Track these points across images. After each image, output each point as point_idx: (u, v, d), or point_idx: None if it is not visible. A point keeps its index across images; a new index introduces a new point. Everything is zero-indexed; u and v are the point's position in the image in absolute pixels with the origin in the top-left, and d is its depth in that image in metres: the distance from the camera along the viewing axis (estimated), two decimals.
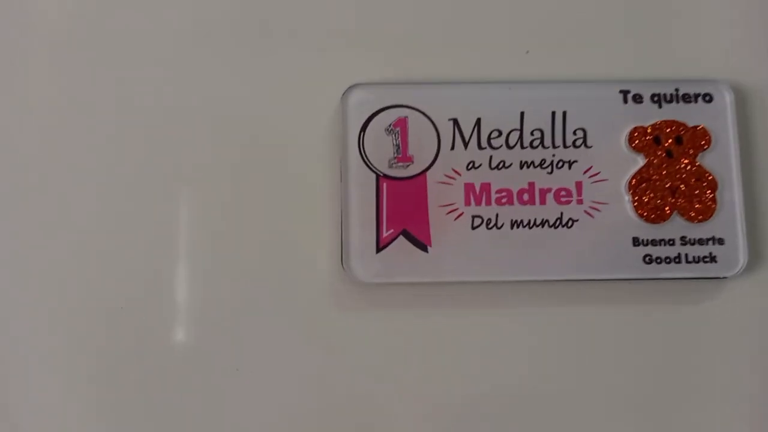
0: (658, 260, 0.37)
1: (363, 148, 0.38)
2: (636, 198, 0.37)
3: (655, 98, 0.38)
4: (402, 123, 0.38)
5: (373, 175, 0.37)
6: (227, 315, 0.37)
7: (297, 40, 0.39)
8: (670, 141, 0.38)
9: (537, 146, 0.38)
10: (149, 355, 0.37)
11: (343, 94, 0.38)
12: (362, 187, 0.37)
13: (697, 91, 0.38)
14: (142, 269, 0.38)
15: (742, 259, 0.37)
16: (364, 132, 0.38)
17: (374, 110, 0.38)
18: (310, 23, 0.39)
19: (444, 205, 0.37)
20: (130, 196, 0.38)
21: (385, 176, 0.37)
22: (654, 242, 0.37)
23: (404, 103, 0.38)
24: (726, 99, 0.38)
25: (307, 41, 0.39)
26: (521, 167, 0.38)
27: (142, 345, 0.37)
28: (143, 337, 0.37)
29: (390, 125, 0.38)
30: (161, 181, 0.38)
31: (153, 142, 0.39)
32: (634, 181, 0.38)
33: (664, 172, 0.38)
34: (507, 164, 0.38)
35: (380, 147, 0.38)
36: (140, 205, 0.38)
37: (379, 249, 0.37)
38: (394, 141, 0.38)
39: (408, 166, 0.38)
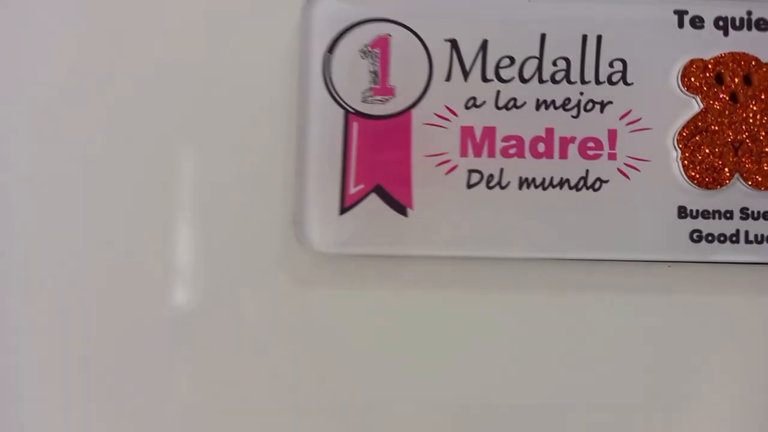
0: (710, 238, 0.28)
1: (329, 75, 0.28)
2: (687, 154, 0.28)
3: (721, 23, 0.29)
4: (383, 43, 0.29)
5: (341, 112, 0.28)
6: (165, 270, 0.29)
7: None
8: (736, 80, 0.29)
9: (560, 80, 0.29)
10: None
11: (306, 1, 0.29)
12: (325, 126, 0.28)
13: None
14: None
15: None
16: (332, 53, 0.28)
17: (346, 25, 0.28)
18: None
19: (433, 155, 0.28)
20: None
21: (357, 113, 0.28)
22: (706, 214, 0.28)
23: (387, 16, 0.28)
24: None
25: None
26: (538, 108, 0.28)
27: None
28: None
29: (367, 45, 0.29)
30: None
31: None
32: (686, 131, 0.28)
33: (727, 122, 0.29)
34: (519, 103, 0.28)
35: (352, 74, 0.28)
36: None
37: (343, 210, 0.28)
38: (371, 67, 0.29)
39: (388, 100, 0.28)
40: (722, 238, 0.29)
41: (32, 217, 0.29)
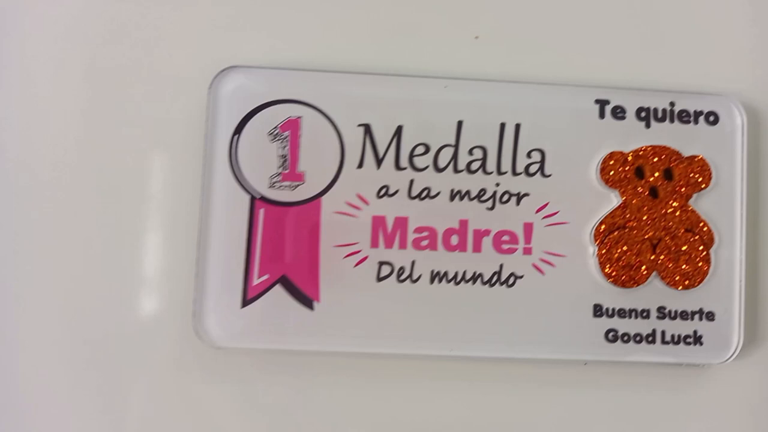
0: (626, 338, 0.28)
1: (235, 158, 0.27)
2: (604, 251, 0.28)
3: (643, 114, 0.28)
4: (293, 126, 0.27)
5: (247, 197, 0.27)
6: (66, 374, 0.27)
7: (166, 8, 0.28)
8: (656, 175, 0.28)
9: (476, 170, 0.28)
10: None
11: (213, 80, 0.27)
12: (230, 212, 0.27)
13: (699, 109, 0.28)
14: None
15: (736, 341, 0.28)
16: (239, 135, 0.27)
17: (256, 105, 0.27)
18: None
19: (342, 245, 0.27)
20: None
21: (264, 199, 0.27)
22: (622, 313, 0.28)
23: (299, 97, 0.27)
24: (736, 122, 0.28)
25: (176, 10, 0.28)
26: (452, 198, 0.27)
27: None
28: None
29: (276, 128, 0.27)
30: None
31: None
32: (603, 227, 0.28)
33: (645, 218, 0.28)
34: (433, 193, 0.27)
35: (260, 158, 0.27)
36: None
37: (246, 302, 0.27)
38: (281, 150, 0.27)
39: (297, 186, 0.27)
40: (638, 338, 0.28)
41: None
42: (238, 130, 0.27)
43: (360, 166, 0.27)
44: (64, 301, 0.27)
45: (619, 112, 0.28)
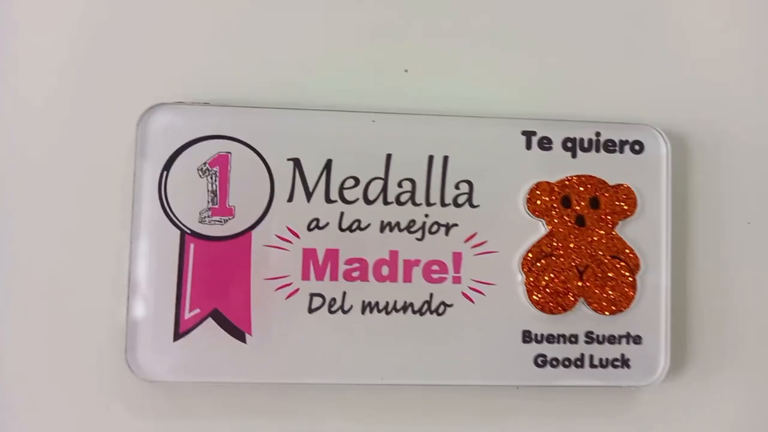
0: (555, 363, 0.28)
1: (165, 194, 0.27)
2: (532, 279, 0.28)
3: (569, 144, 0.29)
4: (222, 161, 0.27)
5: (178, 232, 0.27)
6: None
7: (93, 46, 0.28)
8: (582, 204, 0.29)
9: (405, 202, 0.28)
10: None
11: (141, 116, 0.27)
12: (160, 247, 0.27)
13: (624, 138, 0.29)
14: None
15: (663, 363, 0.28)
16: (168, 171, 0.27)
17: (184, 141, 0.27)
18: (111, 25, 0.28)
19: (273, 278, 0.27)
20: None
21: (194, 234, 0.27)
22: (551, 338, 0.28)
23: (227, 133, 0.27)
24: (660, 150, 0.29)
25: (104, 47, 0.28)
26: (382, 230, 0.28)
27: None
28: None
29: (205, 163, 0.27)
30: None
31: None
32: (530, 255, 0.28)
33: (572, 246, 0.28)
34: (363, 225, 0.28)
35: (190, 193, 0.27)
36: None
37: (178, 335, 0.27)
38: (210, 186, 0.27)
39: (227, 221, 0.27)
40: (567, 363, 0.28)
41: None
42: (167, 166, 0.27)
43: (290, 199, 0.28)
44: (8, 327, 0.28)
45: (545, 143, 0.29)
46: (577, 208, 0.29)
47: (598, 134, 0.29)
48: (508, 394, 0.29)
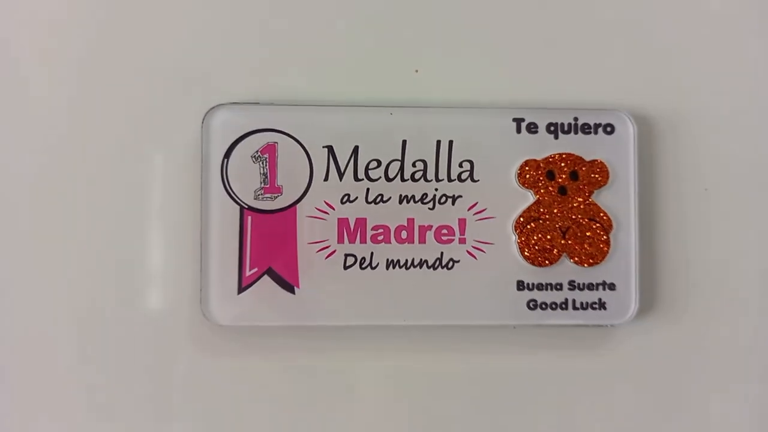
0: (543, 306, 0.35)
1: (226, 177, 0.34)
2: (523, 239, 0.34)
3: (552, 128, 0.35)
4: (271, 149, 0.34)
5: (237, 207, 0.34)
6: (81, 355, 0.35)
7: (157, 54, 0.35)
8: (563, 176, 0.35)
9: (419, 179, 0.34)
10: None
11: (205, 116, 0.34)
12: (225, 220, 0.34)
13: (598, 121, 0.35)
14: None
15: (633, 306, 0.35)
16: (228, 159, 0.34)
17: (240, 134, 0.34)
18: (173, 36, 0.35)
19: (314, 242, 0.34)
20: None
21: (251, 209, 0.34)
22: (540, 287, 0.35)
23: (274, 127, 0.34)
24: (629, 131, 0.35)
25: (168, 56, 0.35)
26: (400, 202, 0.34)
27: None
28: None
29: (257, 152, 0.34)
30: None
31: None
32: (521, 219, 0.35)
33: (555, 211, 0.35)
34: (385, 198, 0.34)
35: (246, 176, 0.34)
36: None
37: (241, 289, 0.34)
38: (262, 169, 0.34)
39: (276, 197, 0.34)
40: (554, 306, 0.35)
41: None
42: (227, 154, 0.34)
43: (326, 179, 0.34)
44: (83, 293, 0.35)
45: (532, 128, 0.35)
46: (560, 180, 0.35)
47: (576, 119, 0.35)
48: (507, 332, 0.35)
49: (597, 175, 0.35)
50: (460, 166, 0.35)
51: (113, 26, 0.35)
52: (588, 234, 0.35)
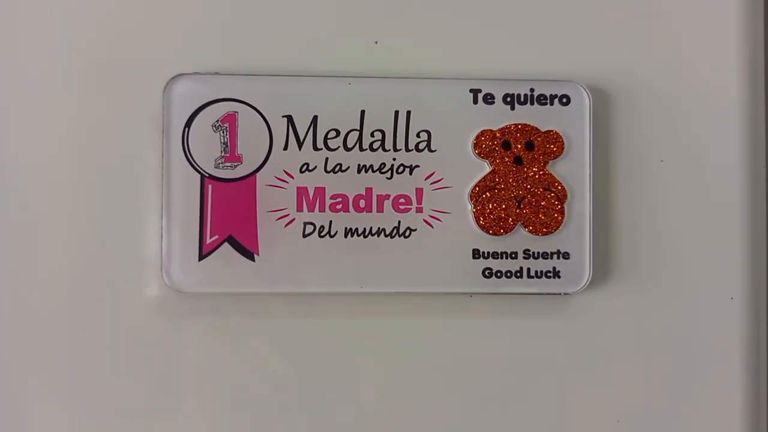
0: (498, 274, 0.35)
1: (187, 146, 0.34)
2: (479, 207, 0.35)
3: (508, 99, 0.35)
4: (231, 119, 0.35)
5: (198, 176, 0.35)
6: (41, 319, 0.35)
7: (118, 26, 0.35)
8: (519, 146, 0.35)
9: (377, 149, 0.35)
10: None
11: (166, 85, 0.34)
12: (185, 188, 0.34)
13: (554, 93, 0.35)
14: None
15: (587, 275, 0.35)
16: (189, 128, 0.34)
17: (200, 104, 0.34)
18: (136, 8, 0.35)
19: (274, 210, 0.35)
20: None
21: (211, 177, 0.35)
22: (495, 255, 0.35)
23: (234, 96, 0.35)
24: (584, 101, 0.35)
25: (129, 28, 0.35)
26: (359, 171, 0.35)
27: None
28: None
29: (218, 121, 0.35)
30: None
31: None
32: (477, 189, 0.35)
33: (511, 180, 0.35)
34: (344, 168, 0.35)
35: (206, 145, 0.35)
36: None
37: (202, 256, 0.35)
38: (222, 138, 0.35)
39: (236, 166, 0.35)
40: (509, 274, 0.36)
41: None
42: (188, 123, 0.35)
43: (285, 148, 0.35)
44: (53, 260, 0.35)
45: (489, 99, 0.35)
46: (515, 150, 0.35)
47: (532, 90, 0.36)
48: (463, 300, 0.36)
49: (552, 146, 0.35)
50: (418, 136, 0.35)
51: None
52: (543, 203, 0.35)
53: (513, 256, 0.36)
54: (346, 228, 0.35)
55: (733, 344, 0.37)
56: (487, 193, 0.35)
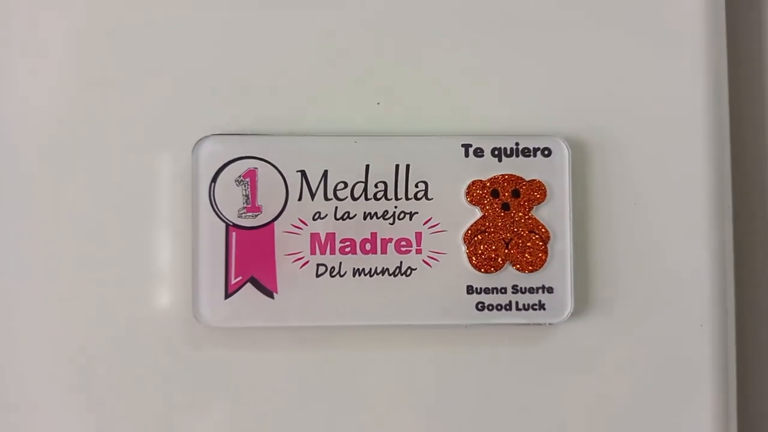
0: (490, 307, 0.40)
1: (213, 198, 0.39)
2: (471, 248, 0.40)
3: (496, 152, 0.40)
4: (251, 174, 0.39)
5: (223, 225, 0.39)
6: (84, 354, 0.40)
7: (148, 91, 0.40)
8: (507, 194, 0.40)
9: (380, 198, 0.40)
10: None
11: (195, 145, 0.39)
12: (212, 235, 0.39)
13: (537, 146, 0.40)
14: None
15: (569, 306, 0.40)
16: (215, 183, 0.39)
17: (224, 161, 0.39)
18: (164, 74, 0.40)
19: (290, 254, 0.39)
20: None
21: (235, 225, 0.39)
22: (487, 290, 0.40)
23: (254, 154, 0.39)
24: (563, 153, 0.40)
25: (159, 93, 0.40)
26: (365, 218, 0.40)
27: None
28: None
29: (240, 176, 0.39)
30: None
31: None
32: (470, 232, 0.40)
33: (500, 224, 0.40)
34: (351, 215, 0.40)
35: (230, 197, 0.39)
36: None
37: (227, 295, 0.39)
38: (244, 191, 0.39)
39: (257, 216, 0.39)
40: (499, 307, 0.40)
41: None
42: (214, 179, 0.39)
43: (300, 199, 0.39)
44: (89, 296, 0.40)
45: (479, 152, 0.40)
46: (503, 197, 0.40)
47: (517, 144, 0.40)
48: (459, 330, 0.40)
49: (536, 193, 0.40)
50: (416, 186, 0.40)
51: (112, 65, 0.41)
52: (528, 244, 0.40)
53: (503, 291, 0.40)
54: (354, 268, 0.39)
55: (703, 365, 0.41)
56: (479, 236, 0.40)
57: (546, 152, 0.40)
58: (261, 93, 0.41)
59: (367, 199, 0.40)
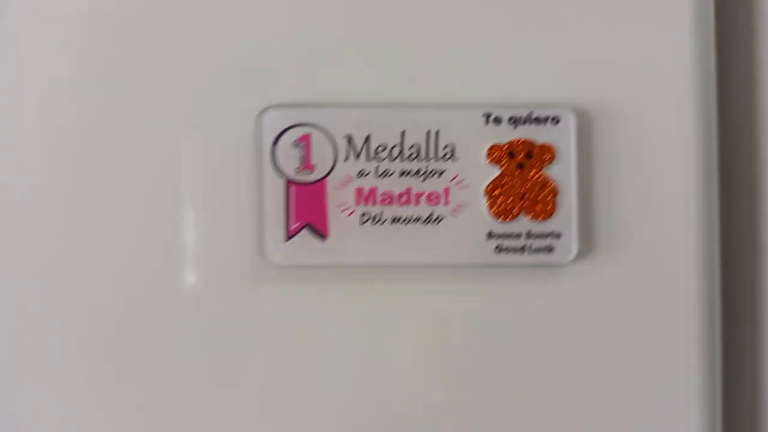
0: (507, 250, 0.47)
1: (275, 159, 0.47)
2: (491, 201, 0.47)
3: (512, 120, 0.47)
4: (306, 138, 0.47)
5: (283, 180, 0.47)
6: (160, 294, 0.48)
7: (217, 67, 0.48)
8: (521, 155, 0.47)
9: (414, 158, 0.47)
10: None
11: (258, 114, 0.47)
12: (274, 189, 0.47)
13: (547, 115, 0.47)
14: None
15: (575, 250, 0.47)
16: (276, 146, 0.47)
17: (283, 128, 0.47)
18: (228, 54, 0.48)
19: (339, 204, 0.47)
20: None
21: (293, 181, 0.47)
22: (504, 236, 0.47)
23: (308, 122, 0.47)
24: (570, 121, 0.47)
25: (228, 69, 0.48)
26: (401, 175, 0.47)
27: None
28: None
29: (296, 140, 0.47)
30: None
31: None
32: (490, 187, 0.47)
33: (515, 180, 0.47)
34: (390, 173, 0.47)
35: (289, 158, 0.47)
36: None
37: (288, 238, 0.47)
38: (300, 153, 0.47)
39: (311, 173, 0.47)
40: (515, 250, 0.47)
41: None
42: (275, 142, 0.47)
43: (346, 159, 0.47)
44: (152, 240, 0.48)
45: (497, 120, 0.46)
46: (518, 158, 0.47)
47: (530, 113, 0.47)
48: (480, 270, 0.48)
49: (546, 154, 0.47)
50: (444, 148, 0.47)
51: (177, 32, 0.48)
52: (540, 197, 0.47)
53: (518, 236, 0.47)
54: (392, 216, 0.47)
55: (690, 306, 0.48)
56: (498, 190, 0.47)
57: (555, 120, 0.47)
58: (314, 70, 0.48)
59: (402, 159, 0.47)
